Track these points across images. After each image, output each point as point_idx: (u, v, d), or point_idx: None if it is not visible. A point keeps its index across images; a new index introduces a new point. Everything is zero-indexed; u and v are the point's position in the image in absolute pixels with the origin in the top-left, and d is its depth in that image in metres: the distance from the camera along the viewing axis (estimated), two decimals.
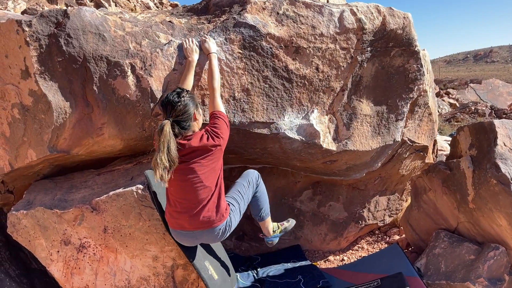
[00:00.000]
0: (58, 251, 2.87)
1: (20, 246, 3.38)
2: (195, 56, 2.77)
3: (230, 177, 4.08)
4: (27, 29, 2.59)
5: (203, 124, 2.65)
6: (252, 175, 2.86)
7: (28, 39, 2.59)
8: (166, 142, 2.26)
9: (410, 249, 4.24)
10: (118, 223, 2.78)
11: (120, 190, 2.73)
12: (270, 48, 2.96)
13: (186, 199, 2.44)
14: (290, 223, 3.23)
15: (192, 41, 2.82)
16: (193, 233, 2.53)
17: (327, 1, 3.91)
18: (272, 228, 3.12)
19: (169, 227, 2.62)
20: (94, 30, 2.68)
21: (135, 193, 2.71)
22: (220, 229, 2.53)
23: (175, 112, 2.36)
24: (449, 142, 6.17)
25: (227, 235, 2.63)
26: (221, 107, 2.62)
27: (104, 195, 2.74)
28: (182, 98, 2.39)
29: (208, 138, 2.40)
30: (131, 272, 2.92)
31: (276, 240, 3.16)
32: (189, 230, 2.51)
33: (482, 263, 3.04)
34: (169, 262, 2.92)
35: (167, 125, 2.30)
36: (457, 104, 17.97)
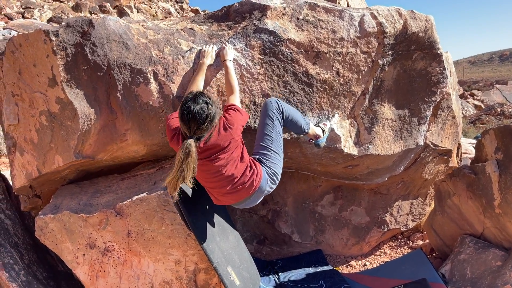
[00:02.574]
0: (84, 254, 2.93)
1: (47, 249, 3.47)
2: (207, 60, 2.79)
3: None
4: (54, 38, 2.67)
5: None
6: (271, 107, 2.67)
7: (55, 48, 2.67)
8: (193, 164, 2.22)
9: (434, 254, 4.16)
10: (141, 227, 2.83)
11: (143, 195, 2.78)
12: (290, 53, 2.97)
13: (218, 186, 2.52)
14: (328, 124, 3.14)
15: (212, 47, 2.86)
16: (247, 200, 2.62)
17: (348, 5, 3.90)
18: (320, 130, 3.03)
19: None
20: (118, 38, 2.75)
21: (158, 198, 2.75)
22: (266, 185, 2.59)
23: (200, 130, 2.26)
24: (474, 145, 6.04)
25: (278, 181, 2.69)
26: (236, 101, 2.62)
27: (128, 200, 2.79)
28: (209, 111, 2.26)
29: (219, 134, 2.38)
30: (154, 275, 2.96)
31: (325, 140, 3.09)
32: (241, 200, 2.59)
33: (509, 270, 2.97)
34: (191, 266, 2.95)
35: (193, 146, 2.21)
36: (482, 106, 17.58)
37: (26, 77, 2.83)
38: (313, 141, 3.07)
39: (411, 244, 4.46)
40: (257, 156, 2.62)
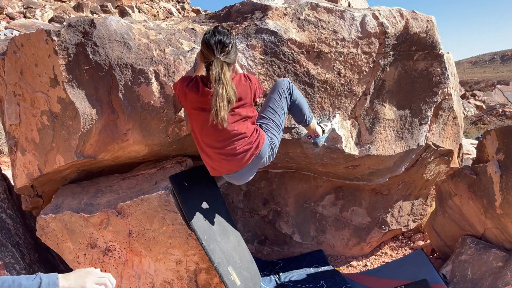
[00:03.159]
0: (85, 254, 2.94)
1: (48, 249, 3.48)
2: None
3: (252, 181, 4.10)
4: (55, 38, 2.67)
5: None
6: (282, 85, 2.70)
7: (56, 48, 2.67)
8: (228, 78, 2.29)
9: (435, 255, 4.16)
10: (142, 227, 2.84)
11: (145, 195, 2.78)
12: (292, 53, 2.97)
13: (220, 145, 2.49)
14: (329, 125, 3.16)
15: None
16: (243, 170, 2.59)
17: (349, 5, 3.90)
18: (320, 130, 3.05)
19: (219, 176, 2.69)
20: (119, 38, 2.75)
21: (159, 197, 2.75)
22: (266, 151, 2.58)
23: (225, 51, 2.34)
24: (475, 146, 6.04)
25: (275, 152, 2.68)
26: None
27: (129, 200, 2.80)
28: (232, 38, 2.38)
29: (240, 83, 2.44)
30: (155, 275, 2.96)
31: (324, 140, 3.10)
32: (238, 170, 2.57)
33: (511, 271, 2.96)
34: (192, 266, 2.95)
35: (224, 64, 2.30)
36: (484, 106, 17.56)
37: (27, 77, 2.84)
38: (312, 139, 3.06)
39: (412, 244, 4.46)
40: (259, 124, 2.62)
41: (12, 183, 3.41)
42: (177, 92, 2.55)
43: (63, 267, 3.58)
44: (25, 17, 14.24)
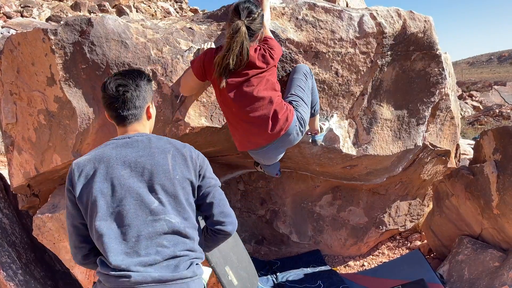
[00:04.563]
0: None
1: (44, 249, 3.46)
2: None
3: (249, 181, 4.10)
4: (52, 37, 2.66)
5: None
6: (305, 67, 2.80)
7: (53, 47, 2.66)
8: (240, 41, 2.28)
9: (432, 255, 4.17)
10: None
11: None
12: (290, 53, 2.96)
13: (248, 116, 2.45)
14: (327, 124, 3.17)
15: (210, 44, 2.85)
16: (272, 145, 2.54)
17: (347, 5, 3.90)
18: (319, 128, 3.07)
19: (248, 150, 2.64)
20: (116, 37, 2.74)
21: None
22: (294, 127, 2.52)
23: (250, 19, 2.34)
24: (472, 146, 6.05)
25: (304, 130, 2.63)
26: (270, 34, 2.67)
27: None
28: (260, 11, 2.41)
29: (264, 56, 2.44)
30: None
31: (322, 138, 3.11)
32: (267, 144, 2.52)
33: (507, 270, 2.97)
34: None
35: (243, 25, 2.28)
36: (481, 107, 17.62)
37: (24, 75, 2.82)
38: (311, 135, 3.08)
39: (409, 244, 4.47)
40: (288, 101, 2.60)
41: (9, 182, 3.40)
42: (195, 69, 2.55)
43: (60, 267, 3.57)
44: (22, 16, 14.19)
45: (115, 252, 1.47)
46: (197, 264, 1.61)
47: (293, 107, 2.56)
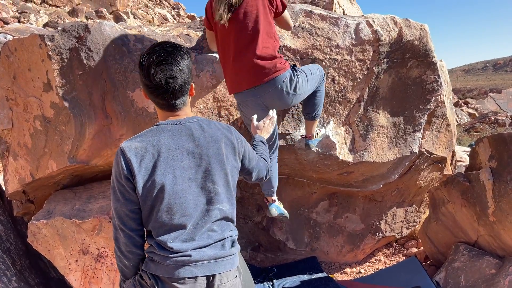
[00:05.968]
0: (77, 261, 2.91)
1: (39, 255, 3.44)
2: None
3: (246, 188, 4.09)
4: (49, 43, 2.66)
5: None
6: (319, 66, 2.82)
7: (50, 53, 2.66)
8: None
9: (428, 262, 4.17)
10: None
11: None
12: (286, 60, 2.97)
13: (240, 46, 2.43)
14: (323, 130, 3.18)
15: None
16: (253, 91, 2.46)
17: (343, 13, 3.93)
18: (315, 131, 3.05)
19: (234, 94, 2.62)
20: (114, 43, 2.75)
21: None
22: (282, 83, 2.44)
23: None
24: (468, 153, 6.07)
25: (297, 97, 2.57)
26: None
27: None
28: None
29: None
30: None
31: (316, 143, 3.09)
32: (248, 88, 2.46)
33: (503, 278, 2.97)
34: None
35: None
36: (477, 114, 17.69)
37: (20, 81, 2.82)
38: (305, 138, 3.07)
39: (405, 251, 4.46)
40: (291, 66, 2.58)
41: (4, 189, 3.38)
42: (205, 23, 2.64)
43: (55, 274, 3.54)
44: (19, 22, 14.18)
45: (175, 239, 1.60)
46: (235, 241, 1.78)
47: (297, 71, 2.54)
